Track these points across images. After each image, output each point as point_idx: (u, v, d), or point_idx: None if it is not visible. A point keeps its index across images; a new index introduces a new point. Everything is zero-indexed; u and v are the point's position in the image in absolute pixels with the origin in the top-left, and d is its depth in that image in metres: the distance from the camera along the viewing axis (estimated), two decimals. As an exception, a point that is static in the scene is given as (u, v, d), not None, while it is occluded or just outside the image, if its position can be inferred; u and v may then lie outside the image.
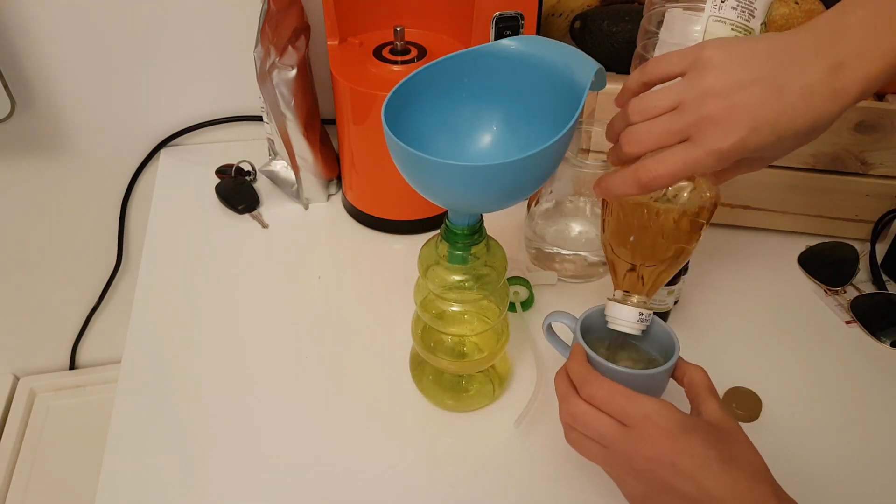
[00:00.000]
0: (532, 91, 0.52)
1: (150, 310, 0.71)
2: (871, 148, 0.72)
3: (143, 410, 0.62)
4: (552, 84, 0.50)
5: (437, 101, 0.52)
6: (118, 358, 0.66)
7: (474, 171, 0.44)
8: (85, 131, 0.90)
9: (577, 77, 0.48)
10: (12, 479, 1.00)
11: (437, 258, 0.54)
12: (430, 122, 0.51)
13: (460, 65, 0.52)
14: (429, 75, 0.51)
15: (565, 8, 0.83)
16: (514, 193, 0.47)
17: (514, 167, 0.43)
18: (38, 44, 0.83)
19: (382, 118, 0.46)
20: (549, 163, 0.46)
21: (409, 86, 0.50)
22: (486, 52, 0.51)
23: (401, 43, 0.74)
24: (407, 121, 0.49)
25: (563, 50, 0.51)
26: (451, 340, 0.58)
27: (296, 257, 0.77)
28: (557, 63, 0.50)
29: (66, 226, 0.98)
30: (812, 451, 0.59)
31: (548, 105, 0.51)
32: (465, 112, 0.53)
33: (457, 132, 0.53)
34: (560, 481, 0.57)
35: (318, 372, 0.65)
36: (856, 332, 0.70)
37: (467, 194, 0.46)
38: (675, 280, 0.67)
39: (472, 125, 0.54)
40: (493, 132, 0.54)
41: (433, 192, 0.47)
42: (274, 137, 0.84)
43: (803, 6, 0.76)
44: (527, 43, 0.51)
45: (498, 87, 0.52)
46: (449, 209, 0.51)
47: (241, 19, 0.85)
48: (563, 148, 0.46)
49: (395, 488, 0.56)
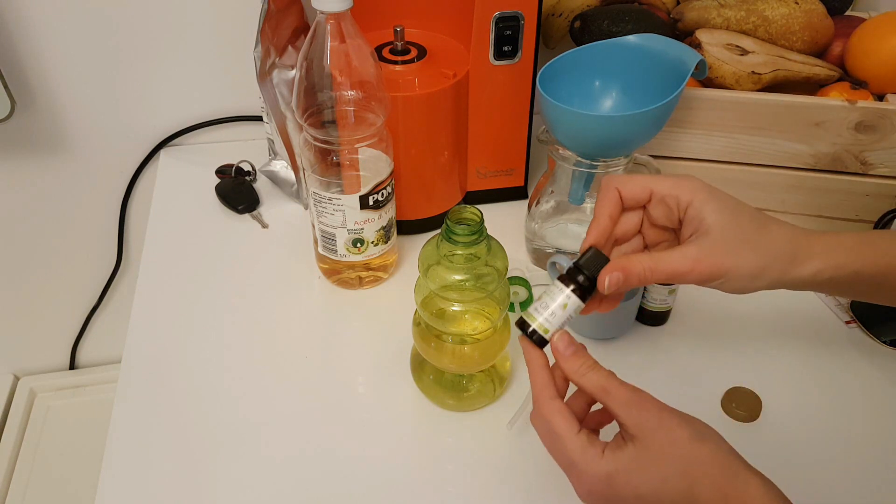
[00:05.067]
0: (645, 73, 0.68)
1: (150, 310, 0.71)
2: (871, 148, 0.72)
3: (143, 410, 0.62)
4: (662, 68, 0.67)
5: (577, 75, 0.69)
6: (118, 358, 0.66)
7: (606, 120, 0.64)
8: (85, 131, 0.90)
9: (682, 64, 0.65)
10: (12, 479, 1.00)
11: (437, 258, 0.54)
12: (570, 89, 0.68)
13: (595, 52, 0.69)
14: (572, 57, 0.69)
15: (565, 8, 0.83)
16: (632, 141, 0.65)
17: (632, 119, 0.62)
18: (38, 44, 0.83)
19: (538, 84, 0.64)
20: (658, 119, 0.63)
21: (557, 63, 0.67)
22: (613, 44, 0.69)
23: (401, 43, 0.74)
24: (554, 88, 0.65)
25: (673, 43, 0.68)
26: (452, 340, 0.58)
27: (296, 257, 0.77)
28: (668, 53, 0.67)
29: (66, 226, 0.98)
30: (812, 451, 0.59)
31: (657, 83, 0.66)
32: (594, 84, 0.71)
33: (588, 98, 0.71)
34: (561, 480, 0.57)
35: (317, 371, 0.65)
36: (856, 333, 0.70)
37: (597, 138, 0.64)
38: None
39: (599, 93, 0.71)
40: (613, 98, 0.71)
41: (571, 138, 0.65)
42: (274, 137, 0.84)
43: (803, 6, 0.76)
44: (645, 39, 0.69)
45: (619, 68, 0.70)
46: (582, 154, 0.67)
47: (241, 19, 0.85)
48: (668, 111, 0.63)
49: (396, 488, 0.56)
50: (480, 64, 0.73)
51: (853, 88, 0.74)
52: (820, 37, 0.77)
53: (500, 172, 0.82)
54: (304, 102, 0.63)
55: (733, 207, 0.46)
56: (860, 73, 0.75)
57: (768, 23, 0.76)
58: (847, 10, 0.85)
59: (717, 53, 0.73)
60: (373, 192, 0.66)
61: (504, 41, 0.71)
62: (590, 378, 0.44)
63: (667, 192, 0.46)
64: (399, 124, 0.71)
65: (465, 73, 0.73)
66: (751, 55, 0.74)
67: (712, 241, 0.45)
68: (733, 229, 0.45)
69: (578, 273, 0.46)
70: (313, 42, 0.60)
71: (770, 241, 0.46)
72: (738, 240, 0.45)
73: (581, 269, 0.46)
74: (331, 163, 0.66)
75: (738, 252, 0.45)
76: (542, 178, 0.75)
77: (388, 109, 0.65)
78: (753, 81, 0.73)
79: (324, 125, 0.64)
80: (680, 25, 0.79)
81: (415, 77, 0.72)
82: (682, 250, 0.45)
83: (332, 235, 0.69)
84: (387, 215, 0.69)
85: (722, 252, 0.45)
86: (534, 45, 0.73)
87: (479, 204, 0.77)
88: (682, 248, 0.46)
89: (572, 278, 0.46)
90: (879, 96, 0.74)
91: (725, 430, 0.44)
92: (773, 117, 0.72)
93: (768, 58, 0.74)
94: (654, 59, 0.68)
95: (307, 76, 0.62)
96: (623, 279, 0.45)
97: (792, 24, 0.75)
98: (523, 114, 0.78)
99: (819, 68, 0.75)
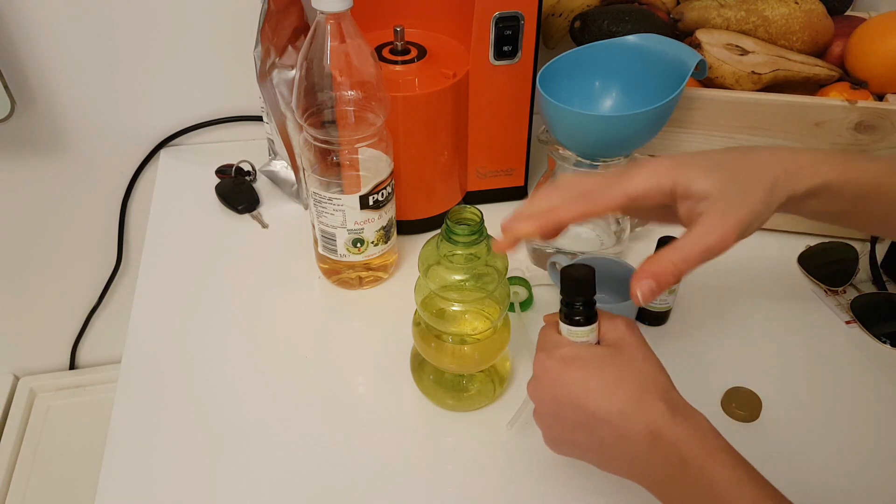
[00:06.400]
0: (645, 73, 0.69)
1: (150, 310, 0.71)
2: (871, 148, 0.72)
3: (143, 410, 0.62)
4: (662, 68, 0.67)
5: (577, 75, 0.70)
6: (118, 358, 0.66)
7: (606, 120, 0.65)
8: (85, 131, 0.90)
9: (682, 64, 0.65)
10: (12, 479, 1.00)
11: (437, 258, 0.54)
12: (570, 89, 0.68)
13: (595, 52, 0.70)
14: (572, 57, 0.69)
15: (565, 8, 0.83)
16: (632, 141, 0.65)
17: (633, 119, 0.62)
18: (38, 44, 0.83)
19: (538, 84, 0.65)
20: (658, 119, 0.64)
21: (556, 63, 0.68)
22: (612, 44, 0.70)
23: (401, 43, 0.74)
24: (554, 88, 0.66)
25: (673, 43, 0.68)
26: (452, 340, 0.58)
27: (296, 257, 0.77)
28: (668, 53, 0.67)
29: (66, 226, 0.98)
30: (812, 451, 0.59)
31: (657, 83, 0.67)
32: (594, 84, 0.72)
33: (588, 98, 0.72)
34: (562, 480, 0.57)
35: (317, 371, 0.65)
36: (856, 332, 0.70)
37: (597, 137, 0.64)
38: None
39: (599, 93, 0.72)
40: (613, 98, 0.72)
41: (571, 138, 0.66)
42: (274, 137, 0.84)
43: (803, 6, 0.76)
44: (645, 39, 0.69)
45: (619, 68, 0.70)
46: (582, 154, 0.68)
47: (241, 19, 0.85)
48: (668, 111, 0.64)
49: (396, 488, 0.56)
50: (480, 64, 0.73)
51: (853, 88, 0.74)
52: (820, 37, 0.77)
53: (500, 172, 0.82)
54: (304, 102, 0.63)
55: (710, 163, 0.45)
56: (860, 73, 0.75)
57: (768, 23, 0.76)
58: (847, 10, 0.85)
59: (717, 53, 0.73)
60: (373, 192, 0.66)
61: (504, 41, 0.71)
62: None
63: (644, 190, 0.45)
64: (399, 124, 0.71)
65: (465, 73, 0.73)
66: (751, 55, 0.74)
67: (718, 201, 0.44)
68: (728, 182, 0.44)
69: (569, 309, 0.47)
70: (313, 42, 0.60)
71: (763, 169, 0.45)
72: (737, 187, 0.44)
73: (569, 304, 0.46)
74: (331, 163, 0.66)
75: (745, 196, 0.44)
76: (542, 178, 0.75)
77: (388, 109, 0.65)
78: (753, 81, 0.73)
79: (324, 125, 0.64)
80: (680, 25, 0.79)
81: (415, 77, 0.72)
82: (701, 225, 0.44)
83: (332, 235, 0.69)
84: (387, 215, 0.69)
85: (736, 204, 0.44)
86: (534, 45, 0.73)
87: (479, 204, 0.77)
88: (699, 225, 0.44)
89: (570, 318, 0.47)
90: (879, 96, 0.74)
91: (725, 430, 0.44)
92: (773, 117, 0.72)
93: (768, 58, 0.74)
94: (654, 59, 0.68)
95: (307, 76, 0.62)
96: (656, 285, 0.43)
97: (792, 24, 0.75)
98: (523, 114, 0.78)
99: (819, 68, 0.75)
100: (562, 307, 0.47)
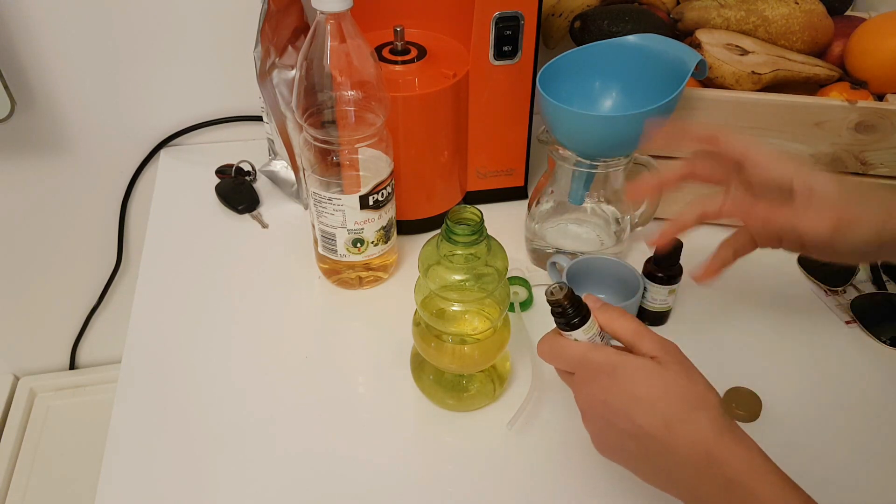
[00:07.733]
0: (645, 73, 0.69)
1: (150, 310, 0.72)
2: (871, 148, 0.72)
3: (143, 410, 0.62)
4: (662, 68, 0.67)
5: (577, 75, 0.70)
6: (118, 358, 0.66)
7: (606, 120, 0.65)
8: (85, 131, 0.90)
9: (682, 64, 0.65)
10: (12, 479, 1.00)
11: (437, 258, 0.54)
12: (570, 89, 0.68)
13: (595, 52, 0.70)
14: (572, 57, 0.69)
15: (565, 8, 0.83)
16: (632, 141, 0.65)
17: (633, 119, 0.62)
18: (38, 44, 0.83)
19: (538, 84, 0.65)
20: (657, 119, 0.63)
21: (556, 63, 0.68)
22: (612, 44, 0.69)
23: (401, 43, 0.74)
24: (554, 88, 0.66)
25: (673, 43, 0.68)
26: (452, 340, 0.58)
27: (296, 257, 0.77)
28: (668, 53, 0.68)
29: (66, 226, 0.98)
30: (812, 450, 0.59)
31: (657, 83, 0.66)
32: (594, 84, 0.71)
33: (588, 98, 0.71)
34: (562, 480, 0.57)
35: (318, 371, 0.65)
36: (856, 332, 0.70)
37: (597, 137, 0.64)
38: (676, 279, 0.67)
39: (599, 93, 0.72)
40: (613, 98, 0.72)
41: (571, 138, 0.66)
42: (274, 137, 0.84)
43: (803, 6, 0.76)
44: (645, 39, 0.69)
45: (619, 68, 0.70)
46: (582, 154, 0.67)
47: (241, 19, 0.85)
48: (668, 111, 0.63)
49: (396, 488, 0.56)
50: (480, 64, 0.73)
51: (853, 88, 0.74)
52: (820, 37, 0.77)
53: (500, 172, 0.82)
54: (304, 102, 0.63)
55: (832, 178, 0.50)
56: (860, 73, 0.75)
57: (768, 23, 0.76)
58: (847, 10, 0.85)
59: (717, 53, 0.73)
60: (373, 192, 0.66)
61: (504, 41, 0.72)
62: (621, 323, 0.47)
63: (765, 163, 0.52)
64: (399, 124, 0.71)
65: (465, 73, 0.73)
66: (751, 55, 0.74)
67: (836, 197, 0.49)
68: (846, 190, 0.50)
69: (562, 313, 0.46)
70: (313, 42, 0.60)
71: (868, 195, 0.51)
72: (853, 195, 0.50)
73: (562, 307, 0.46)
74: (331, 163, 0.66)
75: (859, 202, 0.50)
76: (542, 178, 0.75)
77: (388, 109, 0.65)
78: (753, 81, 0.73)
79: (324, 125, 0.64)
80: (680, 25, 0.79)
81: (415, 77, 0.72)
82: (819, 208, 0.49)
83: (332, 235, 0.69)
84: (387, 215, 0.69)
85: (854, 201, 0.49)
86: (534, 45, 0.73)
87: (479, 204, 0.77)
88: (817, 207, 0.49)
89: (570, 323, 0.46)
90: (879, 96, 0.74)
91: (725, 430, 0.44)
92: (773, 117, 0.72)
93: (768, 58, 0.74)
94: (654, 59, 0.68)
95: (307, 76, 0.62)
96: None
97: (792, 24, 0.75)
98: (523, 114, 0.78)
99: (819, 68, 0.75)
100: (556, 320, 0.47)
